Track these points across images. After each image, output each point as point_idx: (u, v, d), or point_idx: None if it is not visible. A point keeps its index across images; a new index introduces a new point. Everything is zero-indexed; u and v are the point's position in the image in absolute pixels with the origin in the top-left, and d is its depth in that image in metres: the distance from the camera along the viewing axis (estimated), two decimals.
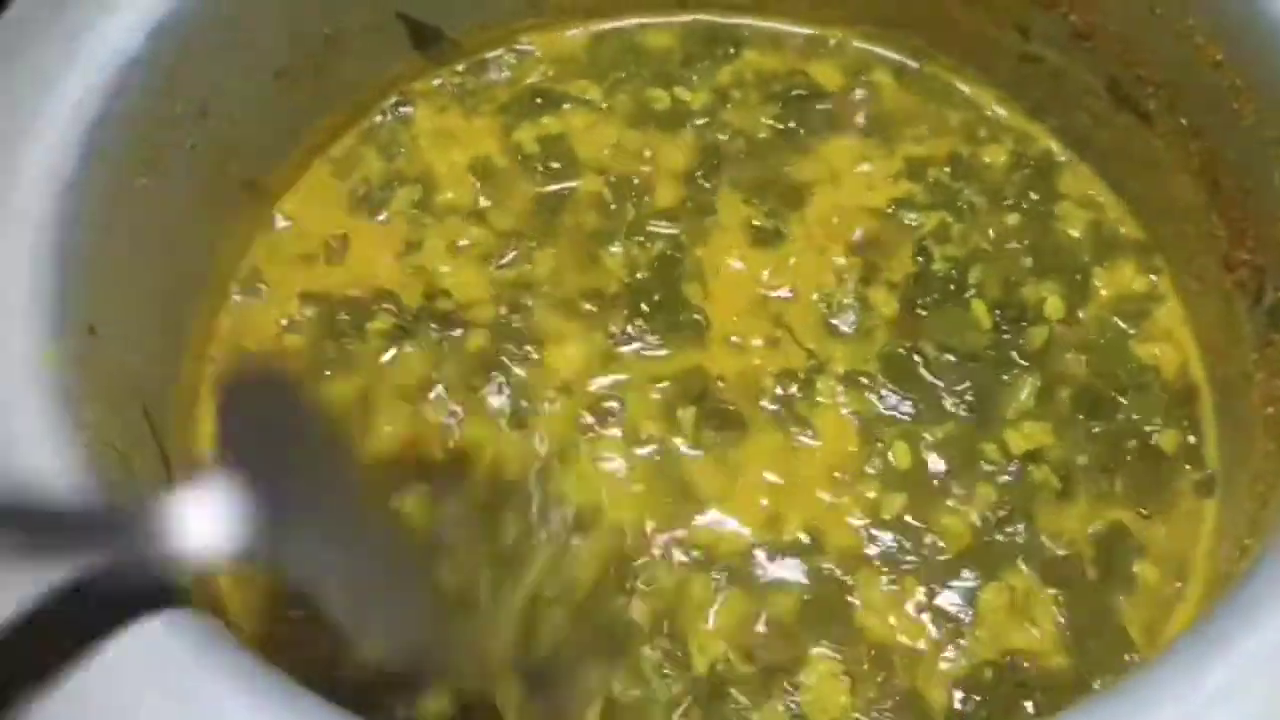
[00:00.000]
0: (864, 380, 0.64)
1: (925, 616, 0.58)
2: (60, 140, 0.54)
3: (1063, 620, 0.58)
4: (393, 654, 0.46)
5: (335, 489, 0.44)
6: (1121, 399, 0.64)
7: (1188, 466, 0.62)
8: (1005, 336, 0.65)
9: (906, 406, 0.63)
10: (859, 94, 0.74)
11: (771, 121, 0.72)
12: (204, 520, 0.39)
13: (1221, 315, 0.63)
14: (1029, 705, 0.56)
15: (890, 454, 0.62)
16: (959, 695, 0.56)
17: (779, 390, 0.64)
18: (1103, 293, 0.67)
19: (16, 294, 0.50)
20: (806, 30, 0.76)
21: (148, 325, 0.58)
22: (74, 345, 0.50)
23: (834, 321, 0.66)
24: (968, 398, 0.63)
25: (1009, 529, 0.60)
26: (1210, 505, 0.61)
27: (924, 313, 0.66)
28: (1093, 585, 0.59)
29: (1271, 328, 0.58)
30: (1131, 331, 0.66)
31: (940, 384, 0.64)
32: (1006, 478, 0.61)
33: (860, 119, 0.73)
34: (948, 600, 0.58)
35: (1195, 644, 0.43)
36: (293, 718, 0.41)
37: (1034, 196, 0.70)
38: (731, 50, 0.75)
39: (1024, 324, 0.65)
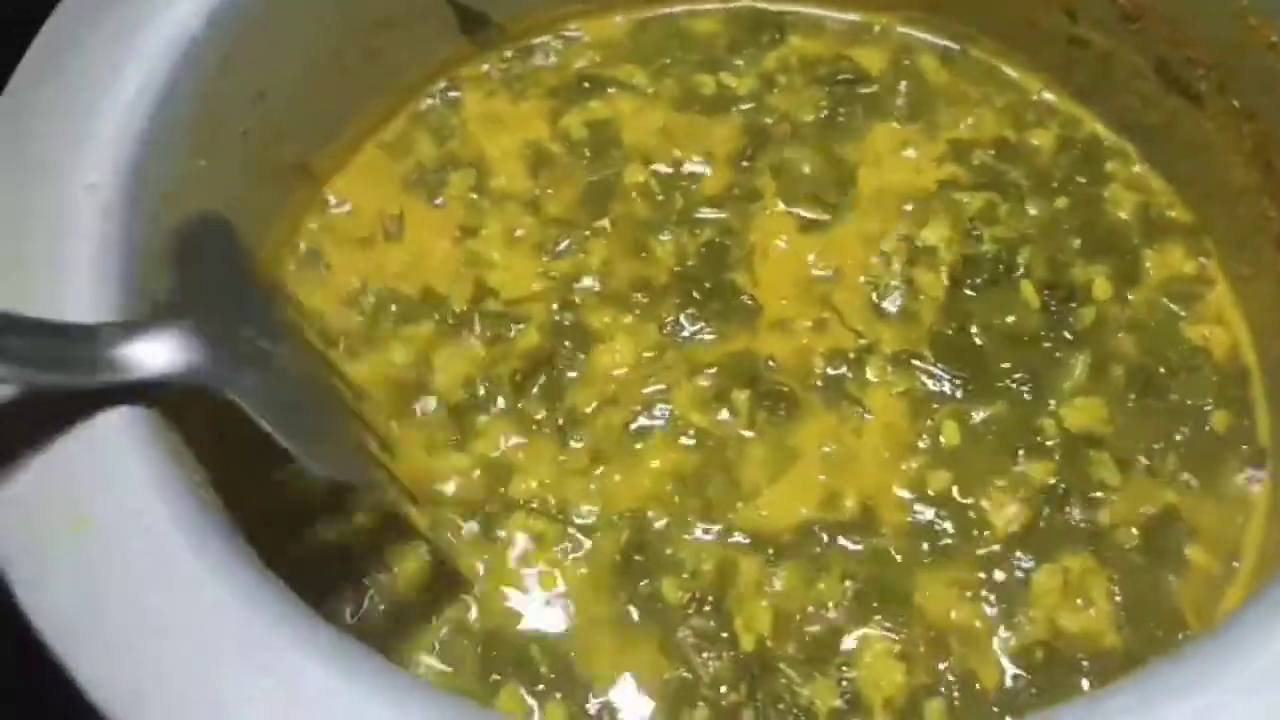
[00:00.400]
0: (914, 361, 0.64)
1: (980, 595, 0.58)
2: (122, 125, 0.54)
3: (1117, 600, 0.58)
4: (327, 472, 0.51)
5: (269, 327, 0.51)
6: (1172, 380, 0.64)
7: (1243, 447, 0.62)
8: (1055, 317, 0.65)
9: (957, 385, 0.63)
10: (903, 80, 0.74)
11: (817, 106, 0.72)
12: (158, 348, 0.46)
13: (1274, 297, 0.63)
14: (1084, 683, 0.56)
15: (941, 434, 0.62)
16: (1011, 673, 0.57)
17: (829, 370, 0.64)
18: (1152, 274, 0.67)
19: (81, 277, 0.50)
20: (851, 16, 0.76)
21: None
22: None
23: (882, 304, 0.66)
24: (1017, 375, 0.63)
25: (1065, 510, 0.60)
26: (1262, 486, 0.61)
27: (972, 294, 0.66)
28: (1145, 566, 0.59)
29: None
30: (1182, 313, 0.66)
31: (991, 363, 0.64)
32: (1059, 457, 0.61)
33: (904, 103, 0.73)
34: (1002, 580, 0.58)
35: (1249, 620, 0.43)
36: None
37: (1081, 180, 0.70)
38: (776, 36, 0.76)
39: (1073, 304, 0.65)
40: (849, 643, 0.57)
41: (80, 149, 0.53)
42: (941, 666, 0.57)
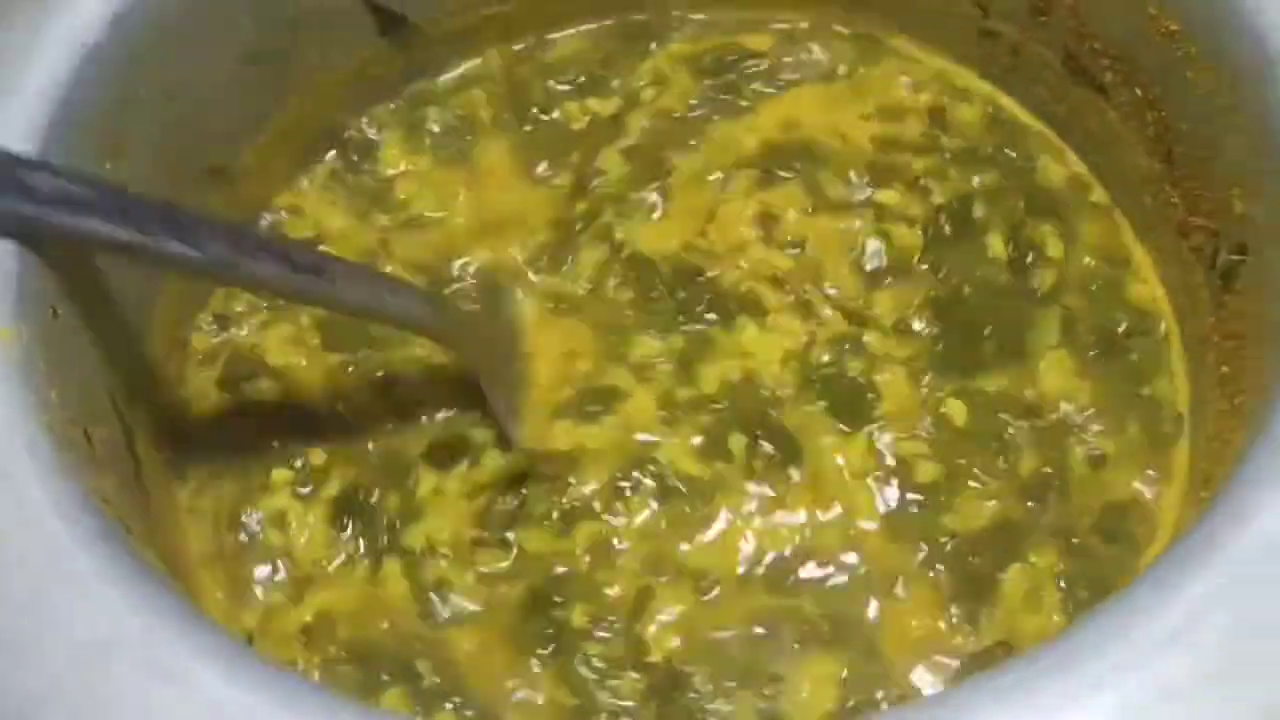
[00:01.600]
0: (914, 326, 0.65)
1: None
2: (24, 125, 0.54)
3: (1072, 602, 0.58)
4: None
5: None
6: (1129, 341, 0.65)
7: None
8: (1020, 274, 0.66)
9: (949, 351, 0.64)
10: (815, 51, 0.74)
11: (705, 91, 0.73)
12: None
13: (1181, 280, 0.64)
14: None
15: (944, 408, 0.62)
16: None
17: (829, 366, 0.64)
18: (1090, 241, 0.68)
19: None
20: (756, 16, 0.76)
21: (113, 308, 0.58)
22: (36, 327, 0.50)
23: (867, 266, 0.66)
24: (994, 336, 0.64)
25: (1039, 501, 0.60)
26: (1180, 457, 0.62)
27: (942, 248, 0.66)
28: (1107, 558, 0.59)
29: (1225, 290, 0.59)
30: (1125, 277, 0.67)
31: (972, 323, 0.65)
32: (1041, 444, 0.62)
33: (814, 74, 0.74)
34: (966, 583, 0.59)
35: (1139, 591, 0.43)
36: None
37: (1010, 154, 0.71)
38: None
39: (1033, 261, 0.66)
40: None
41: None
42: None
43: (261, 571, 0.61)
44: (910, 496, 0.60)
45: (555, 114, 0.73)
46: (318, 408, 0.65)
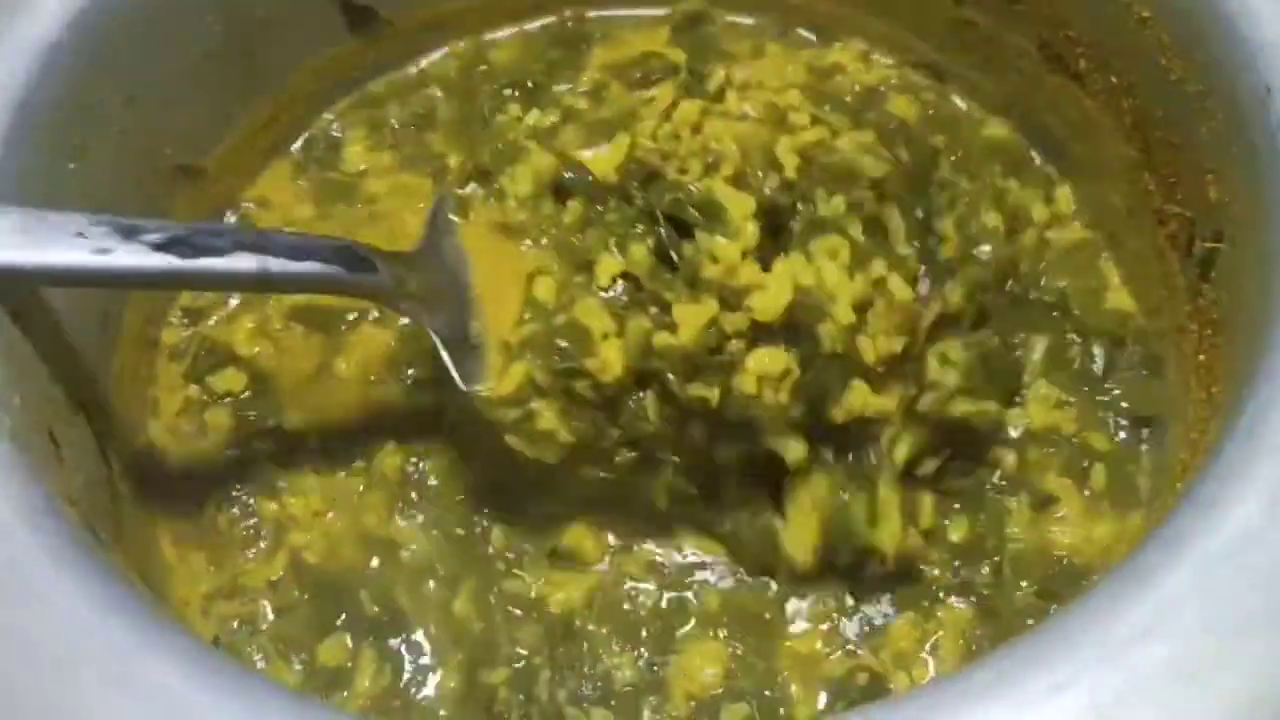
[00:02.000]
0: None
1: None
2: None
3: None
4: None
5: None
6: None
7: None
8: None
9: None
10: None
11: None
12: None
13: (1157, 270, 0.63)
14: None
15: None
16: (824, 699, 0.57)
17: None
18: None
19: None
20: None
21: (79, 311, 0.58)
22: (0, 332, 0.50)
23: None
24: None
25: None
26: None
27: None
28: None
29: (1201, 279, 0.59)
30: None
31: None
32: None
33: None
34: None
35: (1108, 590, 0.43)
36: None
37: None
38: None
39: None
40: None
41: None
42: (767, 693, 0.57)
43: (245, 537, 0.61)
44: None
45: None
46: (286, 391, 0.65)
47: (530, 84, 0.74)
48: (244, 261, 0.52)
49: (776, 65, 0.74)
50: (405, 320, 0.64)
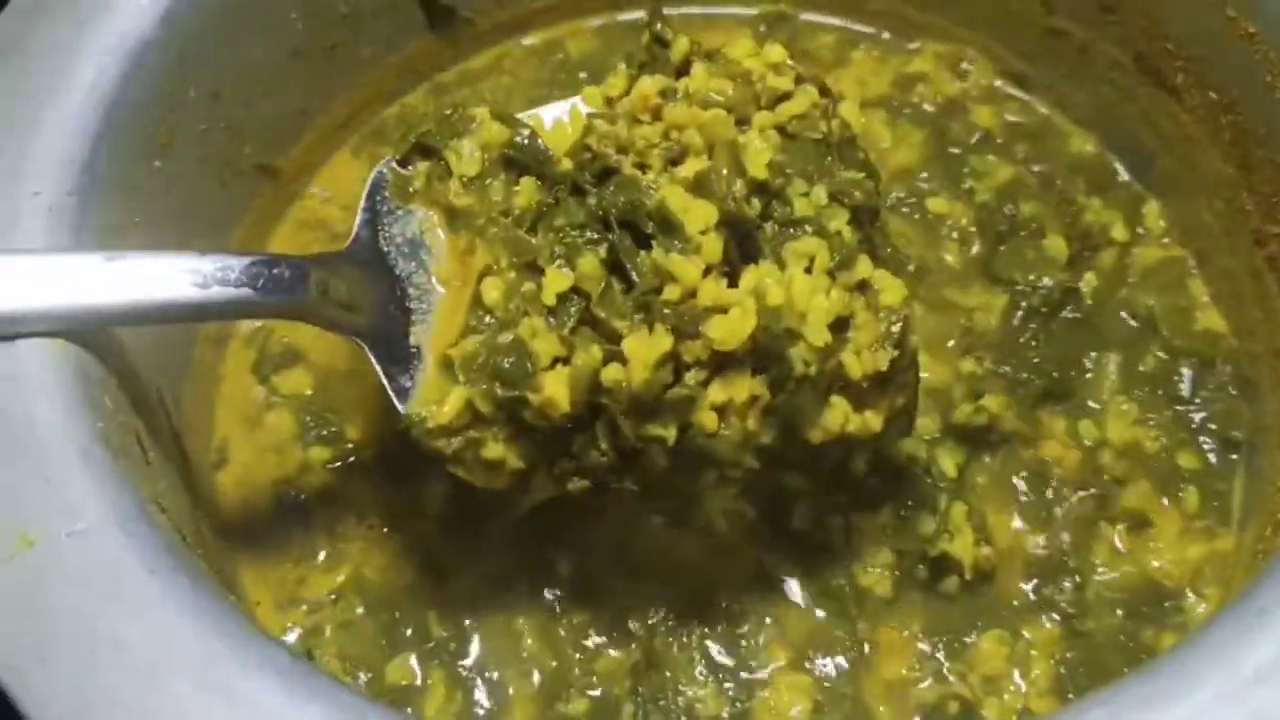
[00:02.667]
0: None
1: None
2: (74, 124, 0.53)
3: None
4: None
5: None
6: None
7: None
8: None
9: None
10: None
11: None
12: None
13: (1252, 291, 0.62)
14: None
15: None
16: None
17: None
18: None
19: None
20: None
21: None
22: (91, 333, 0.49)
23: None
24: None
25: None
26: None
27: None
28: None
29: None
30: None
31: None
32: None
33: None
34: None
35: (1226, 627, 0.42)
36: None
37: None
38: None
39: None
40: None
41: (26, 154, 0.51)
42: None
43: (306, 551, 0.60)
44: None
45: None
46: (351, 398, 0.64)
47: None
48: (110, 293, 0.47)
49: (858, 73, 0.73)
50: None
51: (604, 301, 0.49)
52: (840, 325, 0.50)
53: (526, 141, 0.53)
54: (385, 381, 0.51)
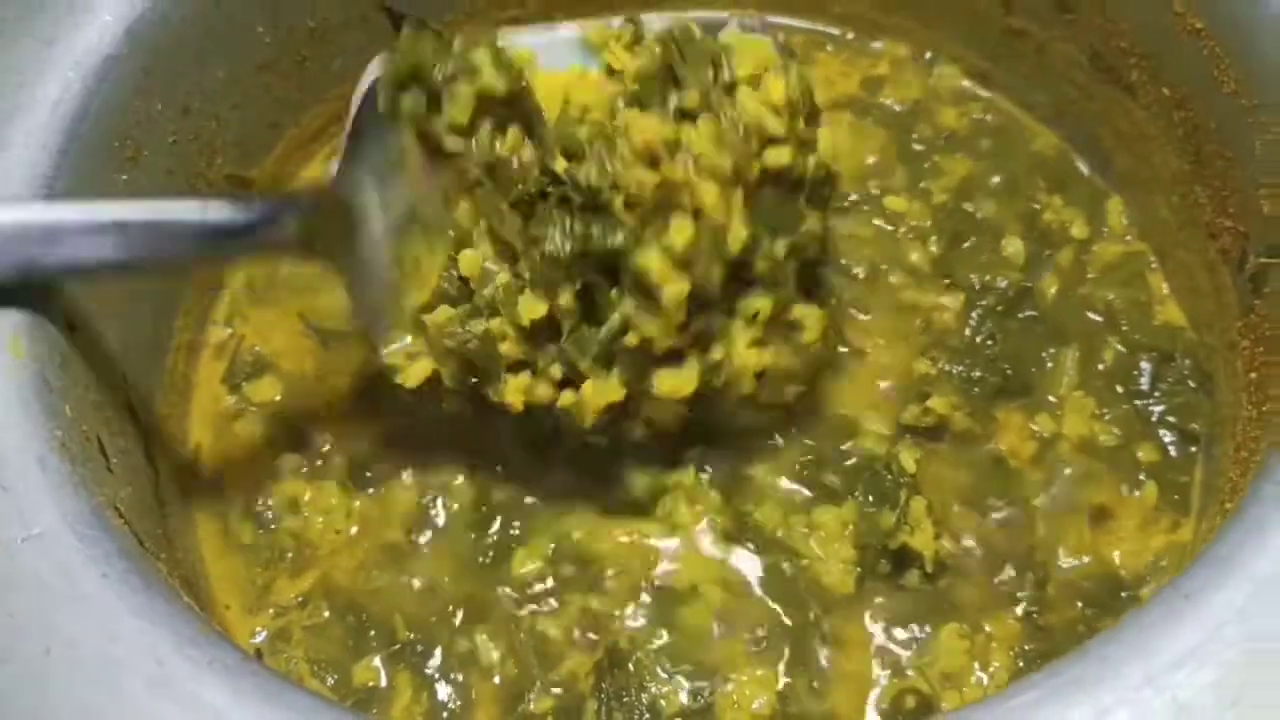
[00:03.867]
0: None
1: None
2: (37, 139, 0.54)
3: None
4: None
5: None
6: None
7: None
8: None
9: None
10: None
11: None
12: None
13: (1207, 284, 0.63)
14: None
15: None
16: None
17: None
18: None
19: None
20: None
21: (130, 321, 0.58)
22: (48, 343, 0.51)
23: None
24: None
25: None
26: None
27: None
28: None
29: (1254, 294, 0.58)
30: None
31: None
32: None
33: None
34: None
35: (1153, 614, 0.42)
36: None
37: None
38: None
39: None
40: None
41: None
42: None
43: (273, 555, 0.61)
44: None
45: None
46: (319, 406, 0.65)
47: None
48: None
49: (825, 73, 0.74)
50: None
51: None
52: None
53: (524, 103, 0.55)
54: (356, 314, 0.56)
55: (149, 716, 0.41)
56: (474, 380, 0.57)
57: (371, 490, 0.63)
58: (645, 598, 0.59)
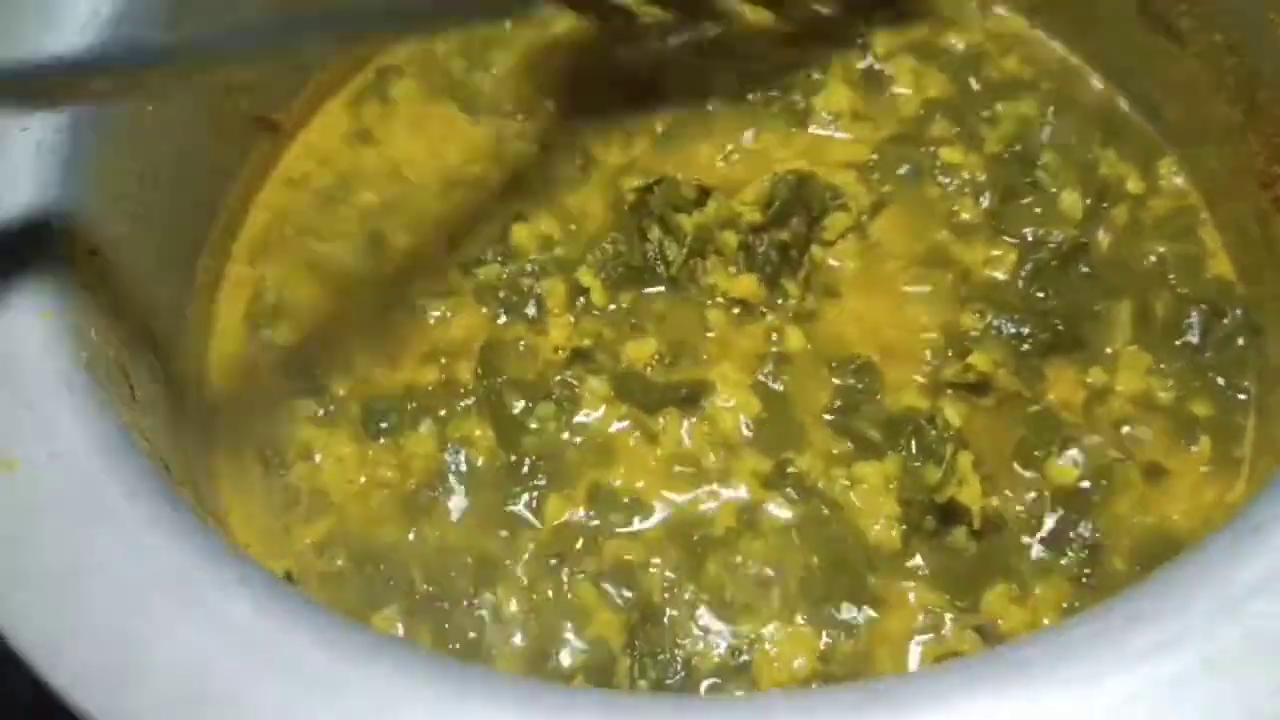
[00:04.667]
0: None
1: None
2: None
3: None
4: None
5: None
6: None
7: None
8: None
9: None
10: None
11: None
12: None
13: (1259, 235, 0.61)
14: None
15: None
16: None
17: None
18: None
19: (22, 211, 0.49)
20: None
21: (155, 251, 0.57)
22: (74, 267, 0.49)
23: None
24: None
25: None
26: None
27: None
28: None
29: None
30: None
31: None
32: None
33: None
34: None
35: (1221, 544, 0.41)
36: None
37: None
38: None
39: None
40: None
41: None
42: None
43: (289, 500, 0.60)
44: None
45: None
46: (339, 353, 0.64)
47: None
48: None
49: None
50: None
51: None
52: None
53: None
54: None
55: (177, 634, 0.40)
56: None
57: (384, 440, 0.61)
58: (680, 550, 0.58)
